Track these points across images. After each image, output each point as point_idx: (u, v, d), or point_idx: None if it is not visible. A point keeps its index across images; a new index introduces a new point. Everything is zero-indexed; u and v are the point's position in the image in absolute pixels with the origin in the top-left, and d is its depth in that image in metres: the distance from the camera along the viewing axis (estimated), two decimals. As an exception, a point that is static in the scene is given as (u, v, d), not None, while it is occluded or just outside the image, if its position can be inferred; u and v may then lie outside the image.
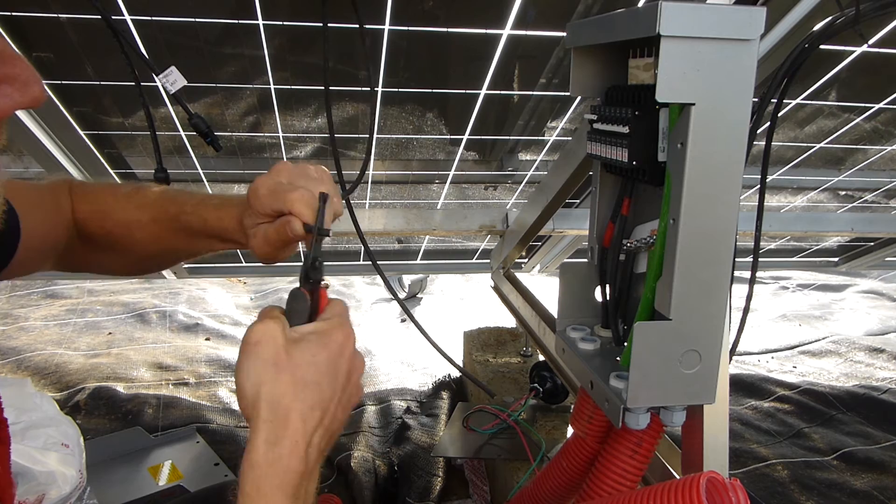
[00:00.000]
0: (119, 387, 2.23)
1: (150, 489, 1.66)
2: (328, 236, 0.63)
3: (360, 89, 1.45)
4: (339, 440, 1.97)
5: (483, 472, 1.77)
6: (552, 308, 1.62)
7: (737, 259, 0.77)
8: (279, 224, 0.68)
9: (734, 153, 0.65)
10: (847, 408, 2.45)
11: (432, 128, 1.64)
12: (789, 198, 2.31)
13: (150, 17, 1.18)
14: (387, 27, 1.25)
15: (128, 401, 2.14)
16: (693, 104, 0.63)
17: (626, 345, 0.80)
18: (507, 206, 2.13)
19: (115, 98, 1.42)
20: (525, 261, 2.67)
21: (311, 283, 0.61)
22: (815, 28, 0.91)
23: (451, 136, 1.69)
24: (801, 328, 3.47)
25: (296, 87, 1.43)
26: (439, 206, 2.10)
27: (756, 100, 0.81)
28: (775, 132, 1.49)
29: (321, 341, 0.57)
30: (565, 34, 0.81)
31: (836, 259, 3.02)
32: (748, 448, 2.14)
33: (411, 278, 3.74)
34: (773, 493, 1.92)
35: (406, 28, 1.26)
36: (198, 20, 1.21)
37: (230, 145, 1.65)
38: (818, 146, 1.88)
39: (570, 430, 0.99)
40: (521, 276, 2.01)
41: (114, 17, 1.14)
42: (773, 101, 0.94)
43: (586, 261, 0.92)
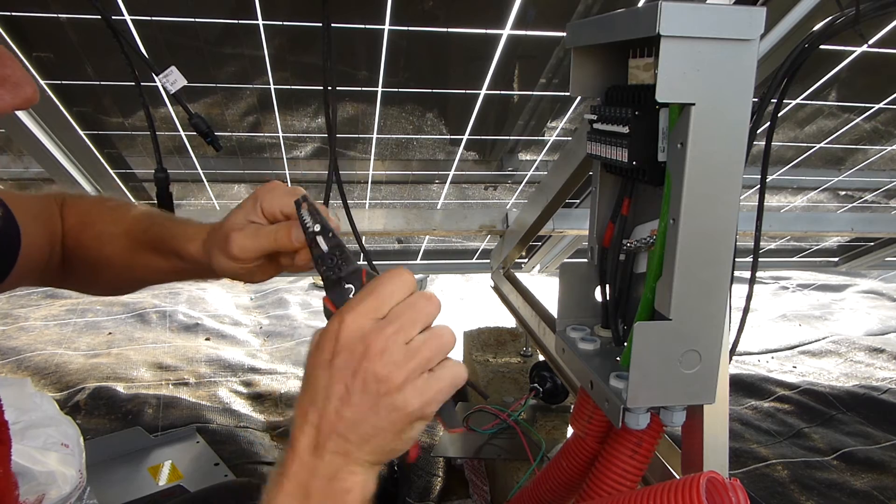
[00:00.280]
0: (119, 387, 2.23)
1: (150, 489, 1.66)
2: (328, 236, 0.61)
3: (360, 89, 1.45)
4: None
5: (483, 472, 1.77)
6: (552, 308, 1.62)
7: (737, 259, 0.77)
8: (280, 225, 0.68)
9: (734, 153, 0.65)
10: (847, 408, 2.45)
11: (432, 128, 1.64)
12: (789, 198, 2.31)
13: (150, 17, 1.18)
14: (387, 27, 1.25)
15: (128, 401, 2.14)
16: (693, 104, 0.63)
17: (626, 345, 0.80)
18: (507, 206, 2.13)
19: (115, 98, 1.42)
20: (525, 261, 2.67)
21: (347, 277, 0.60)
22: (815, 28, 0.91)
23: (451, 136, 1.69)
24: (801, 328, 3.47)
25: (296, 87, 1.43)
26: (439, 206, 2.10)
27: (756, 100, 0.81)
28: (775, 132, 1.49)
29: (313, 340, 0.56)
30: (565, 34, 0.81)
31: (836, 259, 3.02)
32: (748, 448, 2.14)
33: (411, 278, 3.73)
34: (773, 493, 1.92)
35: (406, 28, 1.26)
36: (198, 20, 1.21)
37: (230, 145, 1.65)
38: (818, 146, 1.88)
39: (570, 430, 0.99)
40: (521, 276, 2.01)
41: (114, 17, 1.14)
42: (773, 101, 0.94)
43: (586, 261, 0.92)
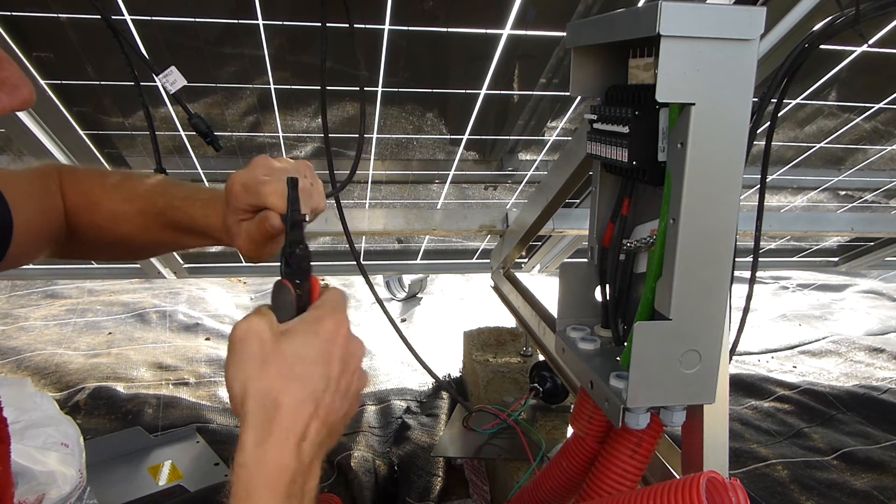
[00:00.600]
0: (119, 387, 2.23)
1: (150, 489, 1.66)
2: (306, 221, 0.60)
3: (359, 89, 1.45)
4: (339, 440, 1.97)
5: (483, 472, 1.77)
6: (552, 308, 1.62)
7: (737, 259, 0.77)
8: (258, 219, 0.66)
9: (734, 153, 0.65)
10: (847, 408, 2.45)
11: (432, 128, 1.64)
12: (789, 198, 2.31)
13: (150, 17, 1.18)
14: (387, 27, 1.25)
15: (128, 401, 2.14)
16: (693, 104, 0.63)
17: (626, 345, 0.80)
18: (507, 206, 2.13)
19: (115, 98, 1.42)
20: (525, 261, 2.67)
21: (295, 273, 0.58)
22: (815, 28, 0.91)
23: (451, 136, 1.69)
24: (801, 328, 3.47)
25: (295, 87, 1.42)
26: (439, 206, 2.10)
27: (756, 100, 0.81)
28: (775, 132, 1.49)
29: (309, 331, 0.55)
30: (565, 34, 0.81)
31: (836, 259, 3.02)
32: (748, 448, 2.14)
33: (411, 278, 3.74)
34: (773, 493, 1.92)
35: (406, 28, 1.26)
36: (198, 20, 1.21)
37: (230, 145, 1.65)
38: (818, 146, 1.88)
39: (570, 430, 0.99)
40: (521, 276, 2.01)
41: (114, 17, 1.14)
42: (773, 101, 0.94)
43: (586, 261, 0.92)
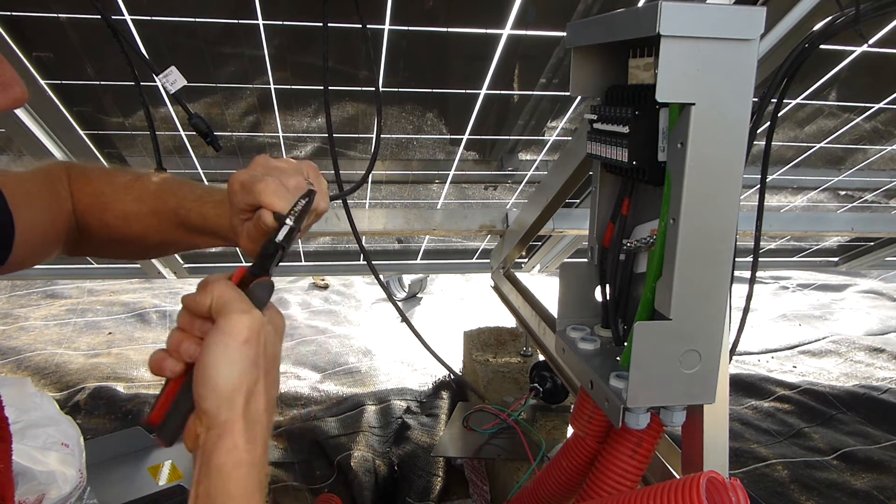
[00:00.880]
0: (119, 387, 2.23)
1: (150, 489, 1.66)
2: (297, 228, 0.60)
3: (360, 89, 1.45)
4: (339, 440, 1.98)
5: (483, 472, 1.77)
6: (552, 308, 1.62)
7: (737, 259, 0.77)
8: (255, 218, 0.66)
9: (734, 153, 0.65)
10: (847, 408, 2.45)
11: (432, 128, 1.64)
12: (789, 198, 2.31)
13: (150, 17, 1.18)
14: (387, 27, 1.25)
15: (128, 401, 2.14)
16: (693, 104, 0.63)
17: (626, 345, 0.80)
18: (507, 206, 2.13)
19: (115, 98, 1.42)
20: (525, 261, 2.67)
21: (262, 270, 0.58)
22: (815, 28, 0.91)
23: (451, 136, 1.69)
24: (801, 328, 3.47)
25: (296, 87, 1.42)
26: (439, 206, 2.10)
27: (756, 100, 0.81)
28: (775, 132, 1.49)
29: (277, 333, 0.57)
30: (565, 34, 0.81)
31: (836, 259, 3.02)
32: (748, 448, 2.14)
33: (411, 278, 3.74)
34: (773, 493, 1.92)
35: (406, 28, 1.26)
36: (198, 20, 1.21)
37: (230, 145, 1.65)
38: (818, 146, 1.88)
39: (570, 430, 0.99)
40: (521, 276, 2.01)
41: (114, 17, 1.14)
42: (773, 101, 0.94)
43: (586, 261, 0.92)
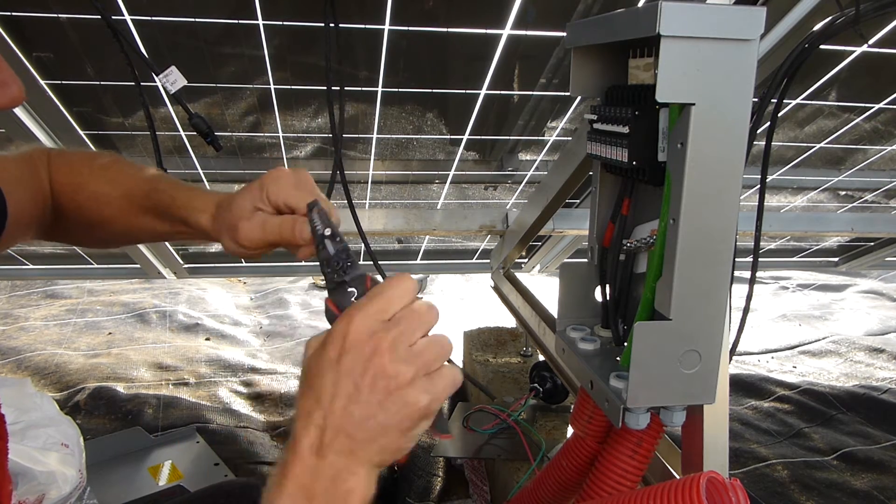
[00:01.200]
0: (119, 387, 2.23)
1: (150, 489, 1.66)
2: (335, 240, 0.61)
3: (359, 89, 1.45)
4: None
5: (483, 472, 1.77)
6: (552, 308, 1.62)
7: (737, 259, 0.77)
8: (285, 219, 0.68)
9: (734, 153, 0.65)
10: (847, 408, 2.45)
11: (432, 128, 1.64)
12: (789, 198, 2.31)
13: (150, 17, 1.18)
14: (387, 27, 1.25)
15: (128, 401, 2.14)
16: (693, 104, 0.63)
17: (626, 345, 0.80)
18: (507, 206, 2.13)
19: (115, 98, 1.42)
20: (525, 261, 2.67)
21: (351, 281, 0.58)
22: (815, 28, 0.91)
23: (451, 136, 1.69)
24: (801, 328, 3.47)
25: (296, 87, 1.43)
26: (439, 206, 2.10)
27: (756, 100, 0.81)
28: (775, 132, 1.49)
29: (322, 340, 0.55)
30: (565, 34, 0.81)
31: (836, 259, 3.02)
32: (748, 448, 2.14)
33: (411, 278, 3.73)
34: (773, 493, 1.92)
35: (406, 28, 1.26)
36: (198, 20, 1.21)
37: (230, 145, 1.65)
38: (818, 146, 1.88)
39: (570, 430, 0.99)
40: (521, 276, 2.01)
41: (114, 17, 1.14)
42: (773, 101, 0.94)
43: (586, 261, 0.92)
